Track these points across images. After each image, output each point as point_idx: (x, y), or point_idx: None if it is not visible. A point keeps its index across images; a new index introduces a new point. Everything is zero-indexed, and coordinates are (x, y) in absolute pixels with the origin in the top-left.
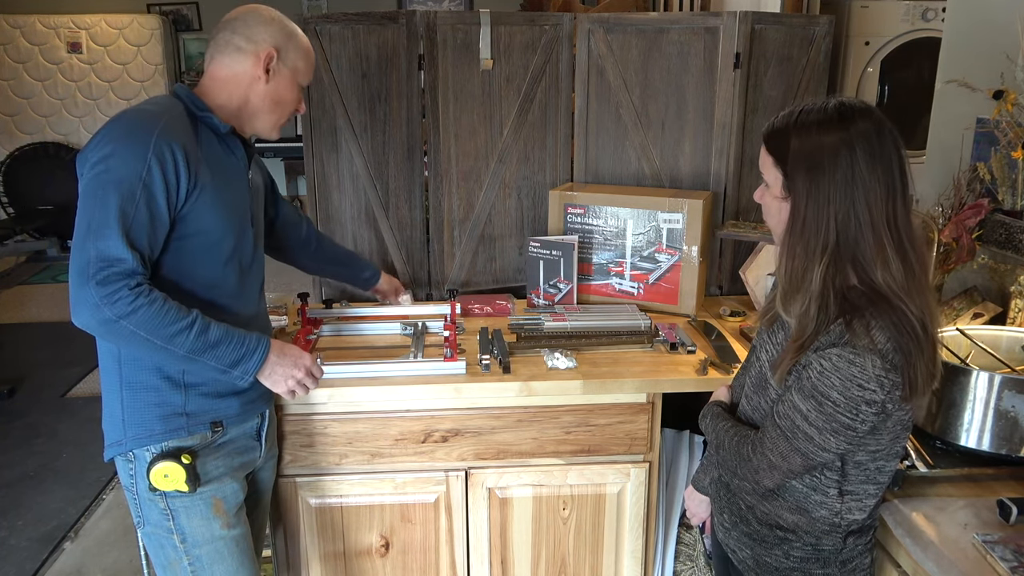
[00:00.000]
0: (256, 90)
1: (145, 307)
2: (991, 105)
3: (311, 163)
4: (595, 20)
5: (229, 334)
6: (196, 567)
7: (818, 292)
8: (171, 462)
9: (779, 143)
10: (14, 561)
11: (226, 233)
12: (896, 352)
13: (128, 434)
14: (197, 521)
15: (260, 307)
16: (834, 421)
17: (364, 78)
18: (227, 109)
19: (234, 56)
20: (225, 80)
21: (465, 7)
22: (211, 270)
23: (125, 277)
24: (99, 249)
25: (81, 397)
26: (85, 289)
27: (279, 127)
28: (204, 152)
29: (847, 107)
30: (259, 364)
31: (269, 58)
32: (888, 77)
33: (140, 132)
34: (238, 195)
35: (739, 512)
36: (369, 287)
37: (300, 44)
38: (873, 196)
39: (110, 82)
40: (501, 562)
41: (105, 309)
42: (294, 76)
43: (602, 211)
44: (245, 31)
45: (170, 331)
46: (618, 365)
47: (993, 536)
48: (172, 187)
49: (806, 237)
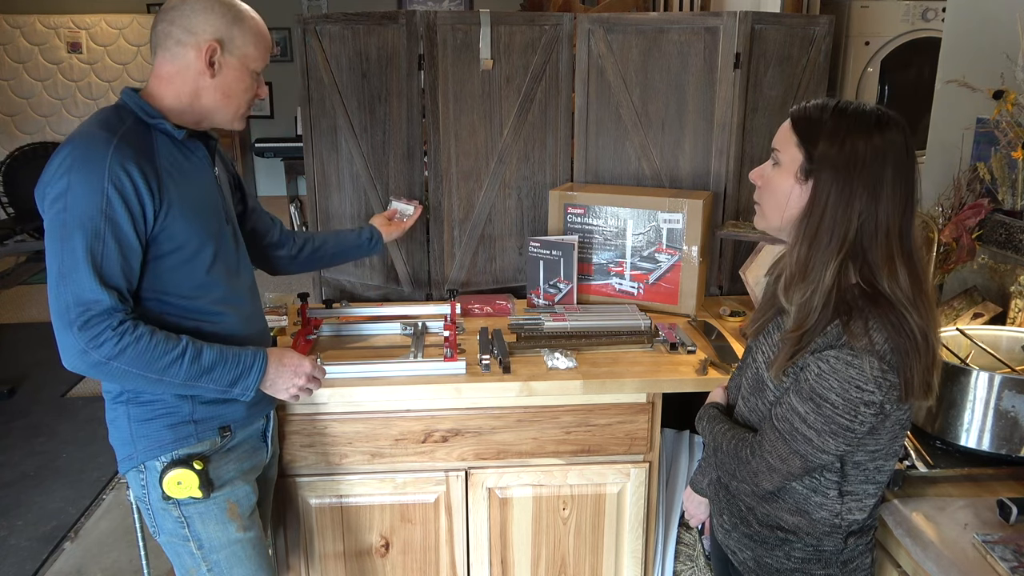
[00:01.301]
0: (203, 85)
1: (132, 345)
2: (991, 105)
3: (311, 163)
4: (595, 20)
5: (224, 355)
6: (215, 572)
7: (827, 285)
8: (184, 469)
9: (810, 128)
10: (14, 561)
11: (204, 242)
12: (894, 353)
13: (138, 447)
14: (212, 526)
15: (255, 306)
16: (833, 423)
17: (364, 78)
18: (179, 108)
19: (175, 50)
20: (170, 77)
21: (465, 7)
22: (196, 279)
23: (107, 318)
24: (74, 294)
25: (81, 397)
26: (68, 335)
27: (242, 117)
28: (164, 162)
29: (884, 114)
30: (258, 379)
31: (211, 51)
32: (888, 77)
33: (92, 161)
34: (208, 198)
35: (739, 513)
36: (379, 248)
37: (249, 28)
38: (893, 206)
39: (110, 82)
40: (501, 562)
41: (92, 353)
42: (244, 64)
43: (602, 211)
44: (183, 22)
45: (162, 363)
46: (618, 365)
47: (993, 536)
48: (137, 213)
49: (825, 230)
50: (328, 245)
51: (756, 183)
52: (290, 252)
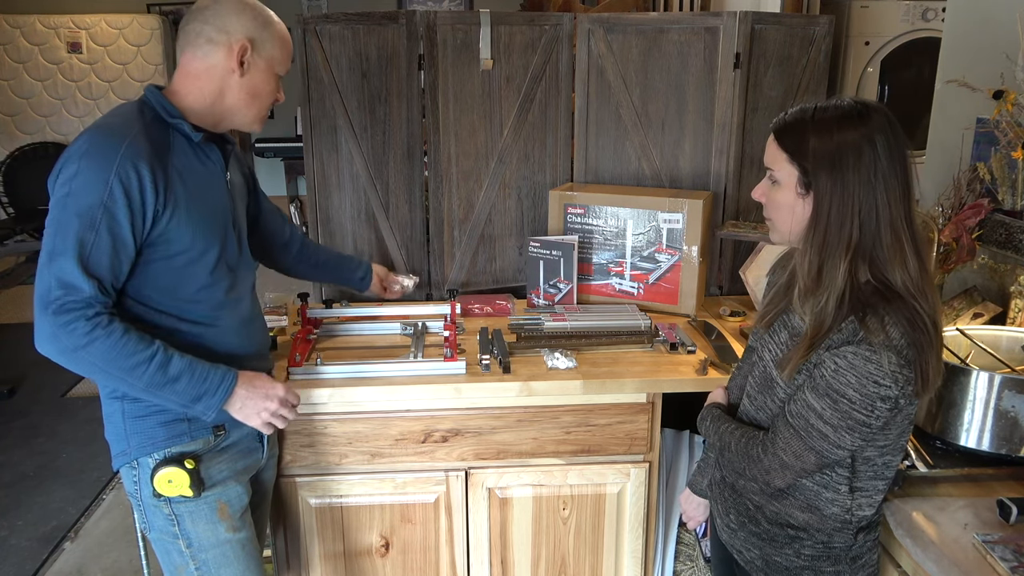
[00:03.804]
0: (230, 84)
1: (102, 339)
2: (991, 105)
3: (311, 163)
4: (595, 20)
5: (192, 368)
6: (203, 571)
7: (840, 288)
8: (175, 467)
9: (795, 139)
10: (14, 561)
11: (208, 246)
12: (910, 347)
13: (132, 443)
14: (202, 526)
15: (255, 308)
16: (849, 418)
17: (364, 78)
18: (200, 108)
19: (206, 48)
20: (197, 74)
21: (465, 7)
22: (199, 280)
23: (82, 307)
24: (57, 276)
25: (81, 397)
26: (43, 317)
27: (261, 120)
28: (177, 163)
29: (863, 104)
30: (223, 399)
31: (243, 50)
32: (888, 77)
33: (104, 153)
34: (217, 203)
35: (747, 512)
36: (365, 288)
37: (276, 32)
38: (893, 193)
39: (110, 82)
40: (501, 562)
41: (62, 339)
42: (270, 67)
43: (602, 211)
44: (217, 21)
45: (128, 363)
46: (618, 365)
47: (993, 536)
48: (137, 210)
49: (830, 234)
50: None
51: (761, 201)
52: (296, 254)
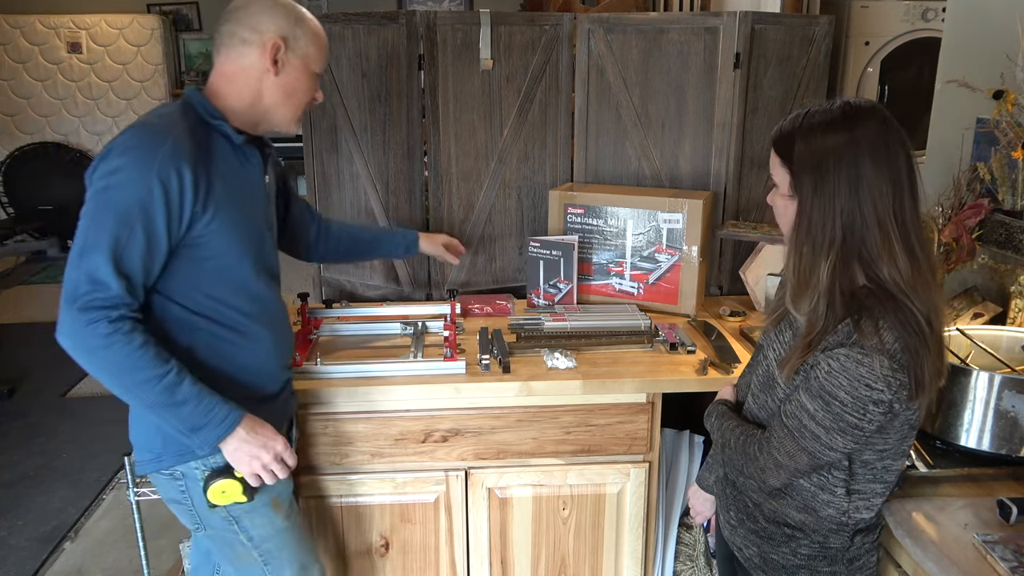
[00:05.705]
0: (267, 83)
1: (120, 344)
2: (991, 105)
3: (311, 163)
4: (595, 20)
5: (200, 397)
6: (266, 558)
7: (826, 289)
8: (226, 479)
9: (786, 144)
10: (14, 561)
11: (246, 250)
12: (904, 352)
13: (168, 450)
14: (259, 521)
15: (283, 312)
16: (841, 420)
17: (364, 78)
18: (240, 109)
19: (240, 49)
20: (233, 75)
21: (465, 7)
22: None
23: (107, 308)
24: (87, 272)
25: (81, 397)
26: (68, 311)
27: (298, 120)
28: (218, 166)
29: (852, 107)
30: (221, 436)
31: (276, 48)
32: (888, 77)
33: (147, 150)
34: (256, 206)
35: (746, 509)
36: (411, 254)
37: (310, 29)
38: (878, 194)
39: (110, 82)
40: (501, 562)
41: (82, 336)
42: (306, 64)
43: (602, 211)
44: (249, 21)
45: (139, 376)
46: (618, 365)
47: (993, 536)
48: (175, 211)
49: (812, 235)
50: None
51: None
52: (322, 250)
